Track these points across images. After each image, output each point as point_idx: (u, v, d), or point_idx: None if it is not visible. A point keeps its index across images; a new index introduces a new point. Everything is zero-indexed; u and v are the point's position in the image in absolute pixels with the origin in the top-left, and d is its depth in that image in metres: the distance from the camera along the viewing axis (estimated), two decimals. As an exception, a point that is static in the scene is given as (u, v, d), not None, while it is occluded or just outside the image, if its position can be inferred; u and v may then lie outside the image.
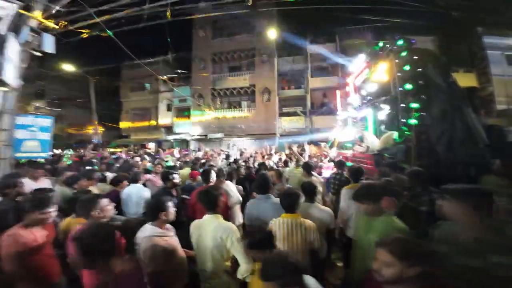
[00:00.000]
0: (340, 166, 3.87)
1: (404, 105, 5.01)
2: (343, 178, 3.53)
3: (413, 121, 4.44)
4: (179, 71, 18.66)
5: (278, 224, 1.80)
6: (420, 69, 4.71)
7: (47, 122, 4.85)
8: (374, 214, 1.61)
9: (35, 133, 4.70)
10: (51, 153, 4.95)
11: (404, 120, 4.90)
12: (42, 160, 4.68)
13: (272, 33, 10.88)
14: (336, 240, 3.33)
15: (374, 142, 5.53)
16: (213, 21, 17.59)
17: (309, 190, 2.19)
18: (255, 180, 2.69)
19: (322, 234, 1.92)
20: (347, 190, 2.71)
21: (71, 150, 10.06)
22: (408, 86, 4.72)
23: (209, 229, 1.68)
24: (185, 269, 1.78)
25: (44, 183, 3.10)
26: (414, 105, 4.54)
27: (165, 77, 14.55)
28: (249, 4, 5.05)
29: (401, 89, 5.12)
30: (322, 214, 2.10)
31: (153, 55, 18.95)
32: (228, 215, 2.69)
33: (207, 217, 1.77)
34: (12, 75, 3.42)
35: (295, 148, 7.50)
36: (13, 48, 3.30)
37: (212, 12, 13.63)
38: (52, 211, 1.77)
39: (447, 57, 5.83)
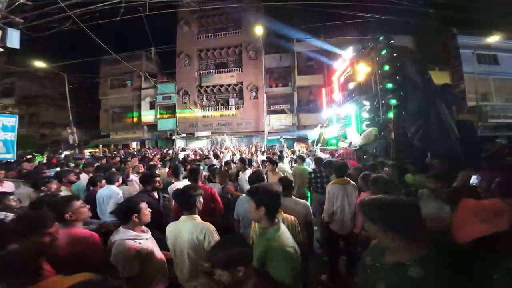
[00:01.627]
0: (318, 163, 3.89)
1: (383, 102, 5.21)
2: (323, 174, 3.55)
3: (390, 115, 4.61)
4: (162, 67, 18.04)
5: None
6: (399, 67, 4.90)
7: (11, 121, 4.45)
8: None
9: (-2, 133, 4.30)
10: (12, 154, 4.52)
11: (384, 116, 5.10)
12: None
13: (259, 30, 10.80)
14: (320, 234, 3.41)
15: (356, 138, 5.70)
16: (199, 16, 17.14)
17: (286, 185, 2.23)
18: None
19: (301, 227, 1.93)
20: (332, 185, 2.74)
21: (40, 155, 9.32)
22: (389, 85, 4.90)
23: (185, 230, 1.61)
24: (165, 272, 1.71)
25: (7, 186, 2.83)
26: (393, 102, 4.72)
27: (147, 73, 13.97)
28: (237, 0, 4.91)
29: (381, 86, 5.30)
30: (297, 206, 2.13)
31: (134, 50, 18.13)
32: (216, 215, 2.60)
33: (183, 217, 1.70)
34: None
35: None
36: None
37: (197, 7, 13.23)
38: None
39: (424, 55, 6.14)
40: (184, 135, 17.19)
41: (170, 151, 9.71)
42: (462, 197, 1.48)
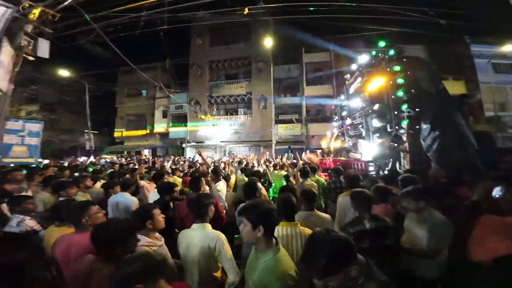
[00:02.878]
0: (337, 174, 3.84)
1: (396, 112, 5.12)
2: (342, 185, 3.49)
3: (404, 123, 4.51)
4: (176, 78, 18.80)
5: (276, 233, 1.76)
6: (411, 77, 4.85)
7: (37, 127, 4.76)
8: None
9: (24, 138, 4.60)
10: (39, 159, 4.80)
11: (397, 127, 4.99)
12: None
13: (268, 42, 11.12)
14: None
15: (368, 149, 5.59)
16: (211, 29, 17.94)
17: (310, 198, 2.12)
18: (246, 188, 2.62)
19: None
20: (344, 197, 2.68)
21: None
22: (400, 93, 4.84)
23: (197, 238, 1.62)
24: (175, 280, 1.72)
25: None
26: (405, 107, 4.64)
27: (161, 83, 14.59)
28: (244, 13, 5.16)
29: (393, 96, 5.24)
30: (323, 223, 2.01)
31: (151, 61, 19.10)
32: (218, 225, 2.59)
33: (195, 226, 1.71)
34: (2, 79, 3.36)
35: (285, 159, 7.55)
36: (6, 52, 3.26)
37: (209, 21, 13.91)
38: None
39: (437, 65, 6.05)
40: (194, 144, 17.51)
41: (184, 158, 9.84)
42: (482, 212, 1.40)
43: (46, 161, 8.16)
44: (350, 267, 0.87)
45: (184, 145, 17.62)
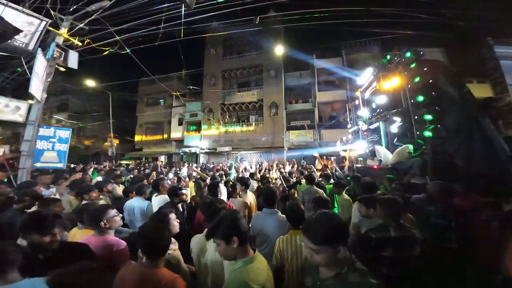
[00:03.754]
0: (356, 181, 3.71)
1: (416, 117, 4.89)
2: (358, 192, 3.37)
3: (427, 133, 4.28)
4: (191, 87, 19.55)
5: (286, 241, 1.71)
6: (431, 81, 4.64)
7: (66, 134, 5.12)
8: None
9: (54, 144, 4.95)
10: (63, 164, 5.10)
11: (418, 133, 4.75)
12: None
13: (279, 50, 11.28)
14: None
15: (387, 156, 5.34)
16: (224, 40, 18.62)
17: (324, 205, 2.09)
18: (262, 194, 2.60)
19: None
20: (359, 205, 2.57)
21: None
22: (420, 98, 4.64)
23: (210, 243, 1.62)
24: (188, 283, 1.71)
25: (50, 192, 3.21)
26: (428, 117, 4.42)
27: (178, 93, 15.24)
28: (256, 23, 5.31)
29: (412, 101, 5.03)
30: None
31: (168, 72, 20.09)
32: None
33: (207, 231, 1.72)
34: (37, 89, 3.70)
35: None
36: (40, 63, 3.60)
37: (222, 31, 14.44)
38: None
39: (458, 68, 5.72)
40: (207, 150, 17.85)
41: (196, 164, 10.02)
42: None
43: (73, 166, 8.75)
44: (340, 245, 1.01)
45: (197, 152, 18.02)
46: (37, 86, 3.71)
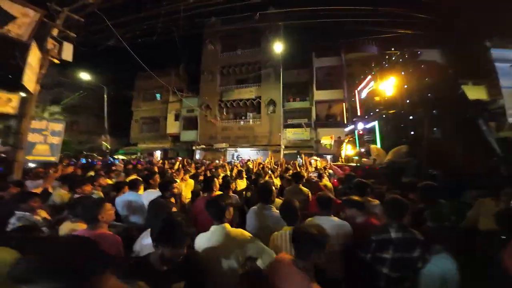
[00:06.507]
0: (349, 180, 3.72)
1: (412, 118, 4.95)
2: (349, 191, 3.37)
3: (423, 133, 4.35)
4: (188, 82, 19.35)
5: (281, 237, 1.72)
6: (427, 81, 4.70)
7: (59, 126, 5.02)
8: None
9: (46, 137, 4.85)
10: (56, 157, 5.00)
11: (413, 133, 4.82)
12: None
13: (278, 47, 11.23)
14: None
15: (381, 155, 5.41)
16: (222, 36, 18.42)
17: (326, 203, 2.00)
18: (259, 188, 2.58)
19: (336, 251, 1.76)
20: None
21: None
22: (416, 98, 4.69)
23: (216, 240, 1.58)
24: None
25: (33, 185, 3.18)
26: (423, 118, 4.48)
27: (174, 88, 15.07)
28: (257, 19, 5.26)
29: (408, 101, 5.09)
30: (341, 230, 1.84)
31: (165, 67, 19.81)
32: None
33: (213, 228, 1.71)
34: (31, 81, 3.61)
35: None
36: (34, 55, 3.50)
37: (221, 27, 14.28)
38: None
39: (455, 69, 5.80)
40: (204, 147, 17.78)
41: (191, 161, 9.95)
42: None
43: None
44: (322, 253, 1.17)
45: (194, 148, 17.93)
46: (30, 78, 3.62)
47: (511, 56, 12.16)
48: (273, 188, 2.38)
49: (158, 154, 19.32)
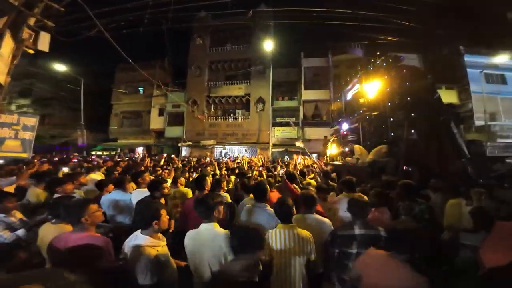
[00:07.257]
0: (325, 177, 3.91)
1: (392, 119, 5.26)
2: (329, 187, 3.52)
3: (402, 135, 4.64)
4: (174, 77, 18.67)
5: (275, 236, 1.76)
6: (408, 85, 4.99)
7: (32, 121, 4.64)
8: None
9: (18, 132, 4.47)
10: (32, 154, 4.66)
11: (393, 134, 5.12)
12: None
13: (268, 45, 11.24)
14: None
15: (364, 155, 5.70)
16: (212, 31, 17.96)
17: (309, 201, 2.12)
18: (253, 187, 2.61)
19: (320, 248, 1.86)
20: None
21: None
22: (397, 101, 4.98)
23: (206, 238, 1.64)
24: (175, 280, 1.71)
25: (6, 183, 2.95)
26: (402, 120, 4.77)
27: (159, 81, 14.46)
28: (249, 16, 5.21)
29: (389, 103, 5.38)
30: (322, 226, 2.00)
31: (149, 59, 18.91)
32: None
33: (203, 226, 1.72)
34: (1, 72, 3.29)
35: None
36: (7, 45, 3.19)
37: (211, 22, 13.91)
38: None
39: (431, 73, 6.22)
40: (190, 143, 17.39)
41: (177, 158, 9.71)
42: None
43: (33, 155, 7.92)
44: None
45: (180, 145, 17.45)
46: (1, 69, 3.29)
47: (482, 63, 13.32)
48: (267, 187, 2.44)
49: (140, 150, 18.52)
